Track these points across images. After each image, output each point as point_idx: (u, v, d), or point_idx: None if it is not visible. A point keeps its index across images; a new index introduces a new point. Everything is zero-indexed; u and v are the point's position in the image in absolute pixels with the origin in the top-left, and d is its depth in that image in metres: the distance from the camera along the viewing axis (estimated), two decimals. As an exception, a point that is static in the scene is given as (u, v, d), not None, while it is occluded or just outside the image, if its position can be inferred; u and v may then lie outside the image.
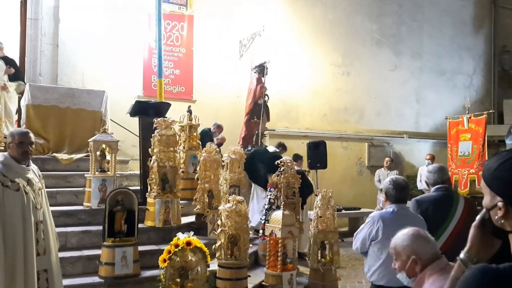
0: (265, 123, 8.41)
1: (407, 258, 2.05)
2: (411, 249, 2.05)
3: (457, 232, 3.45)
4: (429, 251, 2.02)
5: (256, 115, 8.23)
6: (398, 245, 2.10)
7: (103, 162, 5.71)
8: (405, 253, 2.06)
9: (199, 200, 5.88)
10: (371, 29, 11.66)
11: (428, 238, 2.06)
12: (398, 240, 2.10)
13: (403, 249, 2.08)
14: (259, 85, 8.22)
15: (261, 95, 8.15)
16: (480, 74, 13.66)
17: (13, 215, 3.23)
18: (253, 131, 8.30)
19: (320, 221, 5.88)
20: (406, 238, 2.08)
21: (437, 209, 3.52)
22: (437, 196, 3.57)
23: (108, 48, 8.79)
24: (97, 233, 5.15)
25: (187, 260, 4.26)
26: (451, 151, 9.50)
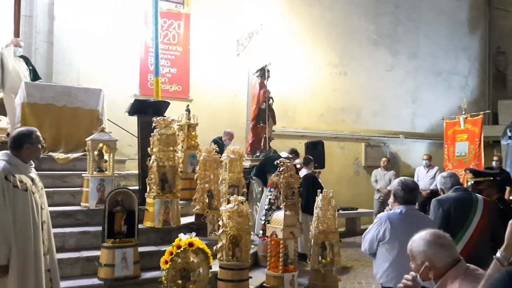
0: (272, 127, 8.34)
1: (421, 263, 2.04)
2: (425, 255, 2.03)
3: (479, 230, 3.44)
4: (445, 259, 1.98)
5: (261, 120, 8.15)
6: (414, 249, 2.07)
7: (101, 161, 5.62)
8: (420, 258, 2.05)
9: (198, 200, 5.81)
10: (368, 29, 11.65)
11: (445, 244, 2.01)
12: (415, 244, 2.07)
13: (418, 253, 2.07)
14: (262, 90, 8.14)
15: (265, 100, 8.06)
16: (475, 75, 13.72)
17: (25, 215, 3.19)
18: (260, 136, 8.22)
19: (321, 221, 5.84)
20: (422, 243, 2.05)
21: (459, 208, 3.50)
22: (457, 196, 3.55)
23: (104, 46, 8.67)
24: (95, 234, 5.07)
25: (189, 261, 4.20)
26: (448, 151, 9.51)
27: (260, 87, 8.16)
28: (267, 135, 8.03)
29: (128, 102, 8.83)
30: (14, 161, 3.23)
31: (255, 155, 7.98)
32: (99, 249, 4.82)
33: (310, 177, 7.48)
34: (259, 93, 8.12)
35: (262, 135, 8.14)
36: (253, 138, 8.25)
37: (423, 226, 3.11)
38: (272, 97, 8.33)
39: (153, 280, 4.66)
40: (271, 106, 8.29)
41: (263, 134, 8.11)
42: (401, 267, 3.01)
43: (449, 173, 3.69)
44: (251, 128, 8.33)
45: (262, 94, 8.08)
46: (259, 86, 8.18)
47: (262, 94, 8.07)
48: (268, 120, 8.05)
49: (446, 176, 3.67)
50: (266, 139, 8.00)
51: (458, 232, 3.44)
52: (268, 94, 8.22)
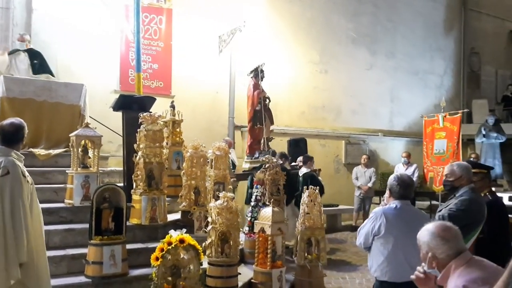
0: (269, 127, 8.30)
1: (426, 253, 2.13)
2: (428, 246, 2.11)
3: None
4: (447, 250, 2.06)
5: (258, 121, 8.10)
6: (420, 239, 2.18)
7: (85, 158, 5.51)
8: (424, 248, 2.14)
9: (185, 197, 5.76)
10: (347, 27, 11.78)
11: (448, 237, 2.07)
12: (421, 234, 2.18)
13: (422, 243, 2.15)
14: (255, 91, 8.07)
15: (260, 101, 8.02)
16: (450, 75, 14.05)
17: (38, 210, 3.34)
18: (259, 137, 8.14)
19: (307, 217, 5.89)
20: (426, 234, 2.14)
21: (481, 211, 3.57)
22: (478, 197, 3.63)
23: (83, 39, 8.48)
24: (81, 232, 4.97)
25: (179, 258, 4.16)
26: (427, 148, 9.69)
27: (254, 89, 8.08)
28: (265, 136, 7.98)
29: (108, 97, 8.79)
30: (17, 155, 3.17)
31: (254, 157, 7.92)
32: (85, 247, 4.74)
33: (309, 175, 7.53)
34: (253, 95, 8.05)
35: (260, 136, 8.08)
36: (252, 140, 8.18)
37: (418, 221, 3.17)
38: (268, 97, 8.29)
39: (142, 278, 4.61)
40: (268, 106, 8.25)
41: (261, 135, 8.06)
42: (395, 261, 3.07)
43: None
44: (248, 130, 8.27)
45: (256, 95, 8.02)
46: (253, 88, 8.11)
47: (256, 95, 8.01)
48: (265, 121, 8.00)
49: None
50: (265, 140, 7.94)
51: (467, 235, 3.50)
52: (264, 94, 8.18)
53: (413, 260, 3.09)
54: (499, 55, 15.24)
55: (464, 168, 3.68)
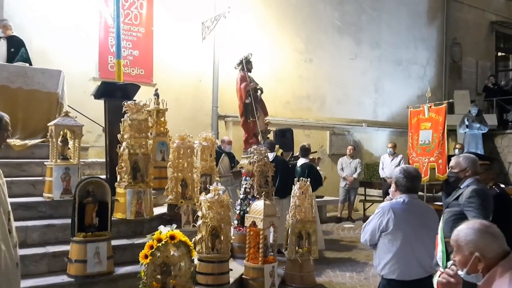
0: (263, 119, 8.01)
1: (470, 254, 1.88)
2: (476, 245, 1.87)
3: None
4: (496, 249, 1.85)
5: (250, 114, 7.81)
6: (461, 239, 1.91)
7: (65, 148, 5.18)
8: (468, 248, 1.89)
9: (171, 190, 5.51)
10: (332, 16, 11.59)
11: (496, 234, 1.87)
12: (462, 233, 1.91)
13: (466, 243, 1.90)
14: (242, 84, 7.77)
15: (249, 94, 7.72)
16: (432, 65, 14.06)
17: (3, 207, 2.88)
18: (254, 130, 7.86)
19: (298, 210, 5.73)
20: (471, 232, 1.89)
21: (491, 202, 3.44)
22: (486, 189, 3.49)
23: (59, 24, 8.05)
24: (61, 227, 4.69)
25: (169, 255, 3.93)
26: (412, 139, 9.61)
27: (241, 81, 7.80)
28: (260, 128, 7.72)
29: (87, 85, 8.41)
30: None
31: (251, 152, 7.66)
32: (66, 243, 4.46)
33: (307, 166, 7.35)
34: (240, 88, 7.78)
35: (255, 129, 7.81)
36: (246, 134, 7.91)
37: (427, 216, 3.05)
38: (260, 88, 8.02)
39: (128, 276, 4.38)
40: (260, 97, 7.98)
41: (256, 129, 7.79)
42: (404, 258, 2.92)
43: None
44: (242, 124, 7.98)
45: (243, 88, 7.73)
46: (240, 80, 7.82)
47: (243, 88, 7.73)
48: (257, 114, 7.74)
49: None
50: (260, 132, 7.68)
51: None
52: (254, 86, 7.90)
53: (422, 257, 2.97)
54: (480, 46, 15.33)
55: (470, 160, 3.56)
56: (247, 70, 7.80)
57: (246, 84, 7.73)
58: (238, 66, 7.91)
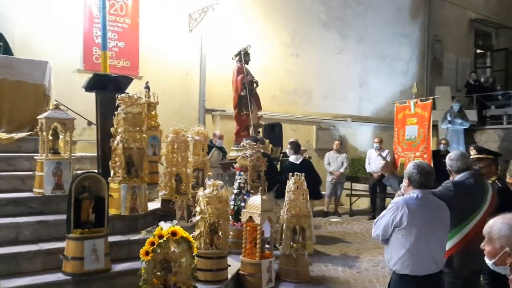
0: (256, 113, 7.93)
1: (501, 248, 1.92)
2: (508, 241, 1.90)
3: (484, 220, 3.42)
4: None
5: (244, 107, 7.72)
6: (494, 232, 1.94)
7: (56, 142, 5.02)
8: (500, 242, 1.92)
9: (165, 185, 5.41)
10: (319, 10, 11.58)
11: None
12: (495, 227, 1.94)
13: (498, 237, 1.93)
14: (239, 76, 7.68)
15: (244, 86, 7.63)
16: (415, 61, 14.23)
17: None
18: (246, 124, 7.78)
19: (293, 205, 5.71)
20: (505, 228, 1.92)
21: (472, 195, 3.46)
22: (472, 183, 3.49)
23: (43, 13, 7.80)
24: (54, 224, 4.55)
25: (170, 251, 3.85)
26: (398, 134, 9.71)
27: (237, 73, 7.70)
28: (252, 122, 7.63)
29: (71, 77, 8.19)
30: None
31: (242, 145, 7.57)
32: (59, 240, 4.34)
33: (309, 162, 7.39)
34: (236, 80, 7.68)
35: (247, 123, 7.72)
36: (238, 127, 7.82)
37: (440, 211, 3.05)
38: (256, 81, 7.93)
39: (125, 273, 4.29)
40: (255, 91, 7.89)
41: (248, 122, 7.70)
42: (418, 254, 2.92)
43: (456, 155, 3.62)
44: (234, 116, 7.88)
45: (239, 80, 7.64)
46: (236, 72, 7.73)
47: (240, 80, 7.64)
48: (251, 107, 7.65)
49: (453, 159, 3.61)
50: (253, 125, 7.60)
51: (467, 218, 3.41)
52: (250, 79, 7.81)
53: (436, 252, 2.98)
54: (460, 43, 15.61)
55: (459, 156, 3.62)
56: (244, 62, 7.72)
57: (242, 77, 7.66)
58: (236, 57, 7.82)
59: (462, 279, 3.40)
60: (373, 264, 6.32)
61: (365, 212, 10.07)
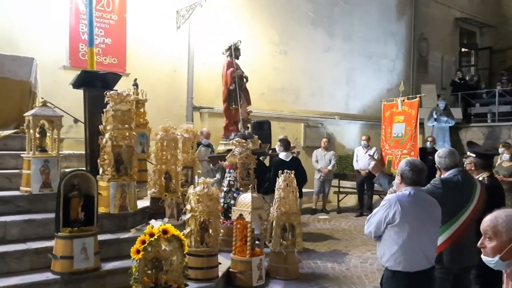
0: (245, 108, 7.90)
1: (509, 240, 1.91)
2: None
3: (472, 216, 3.48)
4: None
5: (233, 101, 7.69)
6: (501, 224, 1.93)
7: (43, 140, 4.94)
8: (508, 235, 1.91)
9: (155, 182, 5.37)
10: (306, 8, 11.60)
11: None
12: (501, 220, 1.93)
13: (507, 230, 1.91)
14: (229, 70, 7.66)
15: (234, 80, 7.60)
16: (401, 59, 14.35)
17: None
18: (235, 118, 7.75)
19: (283, 203, 5.72)
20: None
21: (460, 192, 3.50)
22: (460, 180, 3.54)
23: (27, 8, 7.68)
24: (42, 222, 4.48)
25: (161, 250, 3.83)
26: (385, 132, 9.78)
27: (227, 67, 7.68)
28: (241, 116, 7.61)
29: (57, 73, 8.09)
30: None
31: (230, 139, 7.54)
32: (47, 239, 4.29)
33: (298, 160, 7.38)
34: (226, 74, 7.65)
35: (236, 117, 7.70)
36: (227, 121, 7.79)
37: (432, 208, 3.09)
38: (246, 76, 7.91)
39: (115, 272, 4.25)
40: (245, 86, 7.86)
41: (237, 117, 7.67)
42: (410, 250, 2.94)
43: (445, 152, 3.67)
44: (223, 110, 7.86)
45: (229, 74, 7.62)
46: (226, 66, 7.71)
47: (229, 74, 7.61)
48: (240, 101, 7.63)
49: (442, 156, 3.65)
50: (241, 120, 7.57)
51: (455, 215, 3.46)
52: (239, 73, 7.78)
53: (428, 248, 3.01)
54: (445, 42, 15.79)
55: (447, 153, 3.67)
56: (235, 56, 7.70)
57: (232, 71, 7.65)
58: (226, 51, 7.81)
59: (453, 275, 3.45)
60: (362, 261, 6.36)
61: (353, 209, 10.14)
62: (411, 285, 2.94)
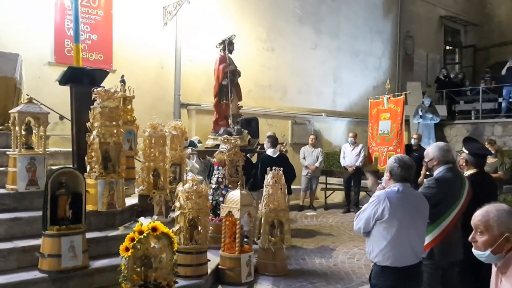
0: (236, 103, 7.89)
1: (500, 234, 1.94)
2: (507, 226, 1.94)
3: (460, 213, 3.54)
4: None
5: (224, 96, 7.67)
6: (492, 219, 1.97)
7: (29, 137, 4.88)
8: (499, 229, 1.95)
9: (143, 180, 5.34)
10: (294, 5, 11.63)
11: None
12: (492, 214, 1.97)
13: (498, 224, 1.95)
14: (221, 65, 7.63)
15: (226, 75, 7.58)
16: (387, 57, 14.47)
17: None
18: (225, 113, 7.72)
19: (271, 199, 5.73)
20: (503, 214, 1.96)
21: (453, 189, 3.56)
22: (452, 176, 3.59)
23: (12, 4, 7.56)
24: (28, 221, 4.43)
25: (150, 247, 3.82)
26: (372, 129, 9.91)
27: (220, 62, 7.66)
28: (232, 112, 7.59)
29: (42, 70, 7.99)
30: None
31: (219, 134, 7.53)
32: (34, 237, 4.25)
33: (285, 157, 7.42)
34: (218, 68, 7.63)
35: (226, 112, 7.68)
36: (217, 116, 7.77)
37: (420, 204, 3.13)
38: (239, 72, 7.90)
39: (104, 270, 4.23)
40: (236, 81, 7.85)
41: (228, 112, 7.66)
42: (399, 246, 2.98)
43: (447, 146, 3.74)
44: (214, 105, 7.83)
45: (221, 69, 7.59)
46: (219, 61, 7.68)
47: (222, 69, 7.58)
48: (231, 96, 7.61)
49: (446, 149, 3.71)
50: (230, 116, 7.56)
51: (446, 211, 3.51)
52: (234, 68, 7.76)
53: (416, 244, 3.05)
54: (430, 40, 15.96)
55: (436, 149, 3.72)
56: (228, 51, 7.69)
57: (224, 66, 7.65)
58: (220, 45, 7.78)
59: (441, 270, 3.51)
60: (349, 257, 6.42)
61: (340, 206, 10.21)
62: (400, 280, 2.98)
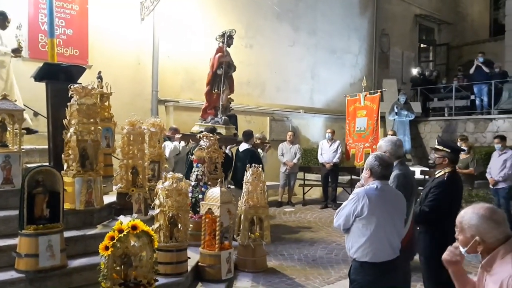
0: (228, 95, 7.89)
1: (471, 237, 2.01)
2: (477, 230, 1.99)
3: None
4: (497, 235, 1.96)
5: (216, 85, 7.68)
6: (464, 222, 2.03)
7: (3, 135, 4.77)
8: (470, 231, 2.01)
9: (121, 178, 5.30)
10: (272, 1, 11.63)
11: (499, 220, 1.98)
12: (466, 216, 2.03)
13: (468, 227, 2.02)
14: (217, 54, 7.66)
15: (221, 65, 7.61)
16: (364, 54, 14.64)
17: None
18: (216, 103, 7.76)
19: (251, 196, 5.76)
20: (475, 217, 2.00)
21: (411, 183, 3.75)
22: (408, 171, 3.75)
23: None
24: (4, 220, 4.36)
25: (129, 246, 3.80)
26: (349, 126, 10.03)
27: (216, 51, 7.72)
28: (222, 102, 7.63)
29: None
30: None
31: (206, 121, 7.55)
32: (10, 237, 4.18)
33: (250, 151, 7.39)
34: (214, 57, 7.69)
35: (216, 102, 7.75)
36: (207, 104, 7.85)
37: (397, 200, 3.21)
38: (234, 66, 7.94)
39: (82, 269, 4.19)
40: (230, 74, 7.88)
41: (218, 102, 7.71)
42: (377, 242, 3.05)
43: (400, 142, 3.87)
44: (205, 93, 7.90)
45: (217, 58, 7.67)
46: (216, 50, 7.76)
47: (217, 58, 7.66)
48: (223, 87, 7.64)
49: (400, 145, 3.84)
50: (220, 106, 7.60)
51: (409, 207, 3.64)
52: (229, 60, 7.79)
53: (393, 239, 3.13)
54: (405, 38, 16.22)
55: (389, 143, 3.82)
56: (227, 44, 7.73)
57: (220, 55, 7.75)
58: (220, 38, 7.86)
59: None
60: (327, 252, 6.51)
61: (318, 202, 10.31)
62: (378, 275, 3.05)
